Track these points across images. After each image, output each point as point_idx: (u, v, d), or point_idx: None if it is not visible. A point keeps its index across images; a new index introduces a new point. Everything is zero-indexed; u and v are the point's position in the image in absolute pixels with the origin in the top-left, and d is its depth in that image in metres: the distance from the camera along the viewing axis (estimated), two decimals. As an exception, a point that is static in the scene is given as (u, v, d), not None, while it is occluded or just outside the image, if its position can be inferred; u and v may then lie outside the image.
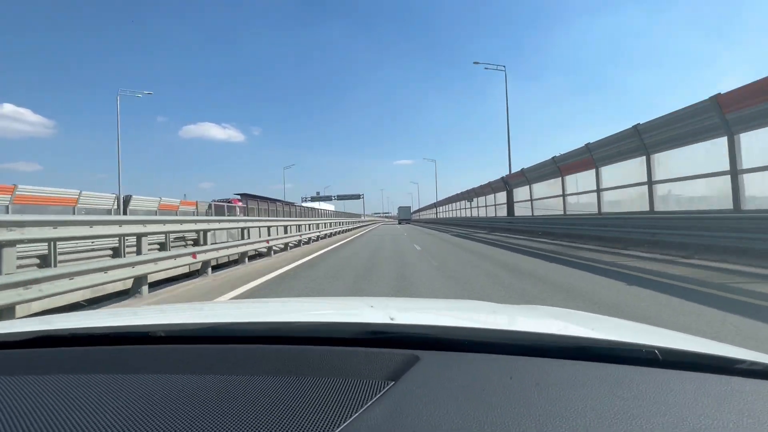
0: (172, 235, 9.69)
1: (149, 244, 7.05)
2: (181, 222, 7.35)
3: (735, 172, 7.69)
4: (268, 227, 12.05)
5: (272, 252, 11.02)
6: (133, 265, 5.13)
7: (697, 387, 0.57)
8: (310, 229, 17.03)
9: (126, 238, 7.51)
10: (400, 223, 65.61)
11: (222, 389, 0.59)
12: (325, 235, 19.85)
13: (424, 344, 0.72)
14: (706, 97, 7.91)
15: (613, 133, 11.36)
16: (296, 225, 15.73)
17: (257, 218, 14.47)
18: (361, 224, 42.10)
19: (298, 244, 14.20)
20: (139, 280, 5.35)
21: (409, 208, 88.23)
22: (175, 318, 1.03)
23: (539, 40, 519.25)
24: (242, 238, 9.80)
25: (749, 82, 7.15)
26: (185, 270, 7.73)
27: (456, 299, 4.07)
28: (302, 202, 57.92)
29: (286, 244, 12.64)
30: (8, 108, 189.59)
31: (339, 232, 24.60)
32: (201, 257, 7.04)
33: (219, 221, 9.21)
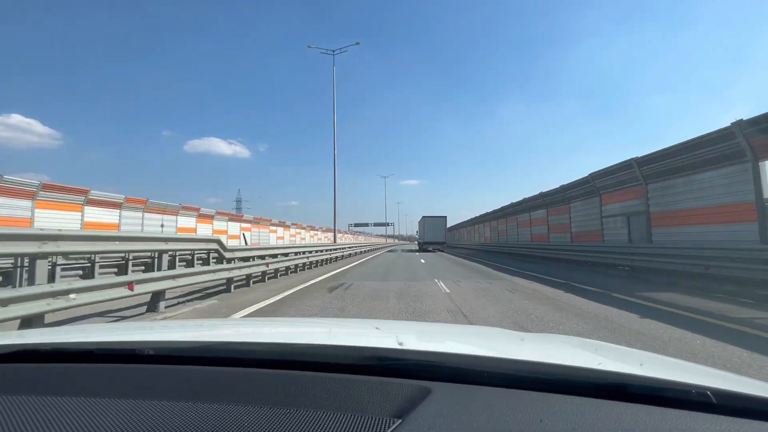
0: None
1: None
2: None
3: None
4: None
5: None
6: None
7: None
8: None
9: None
10: (422, 249, 35.24)
11: (208, 419, 0.53)
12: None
13: (438, 375, 0.64)
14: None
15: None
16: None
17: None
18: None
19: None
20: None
21: (444, 220, 39.00)
22: (164, 335, 0.98)
23: (553, 62, 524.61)
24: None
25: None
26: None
27: (473, 325, 3.81)
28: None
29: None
30: (17, 118, 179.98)
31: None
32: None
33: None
